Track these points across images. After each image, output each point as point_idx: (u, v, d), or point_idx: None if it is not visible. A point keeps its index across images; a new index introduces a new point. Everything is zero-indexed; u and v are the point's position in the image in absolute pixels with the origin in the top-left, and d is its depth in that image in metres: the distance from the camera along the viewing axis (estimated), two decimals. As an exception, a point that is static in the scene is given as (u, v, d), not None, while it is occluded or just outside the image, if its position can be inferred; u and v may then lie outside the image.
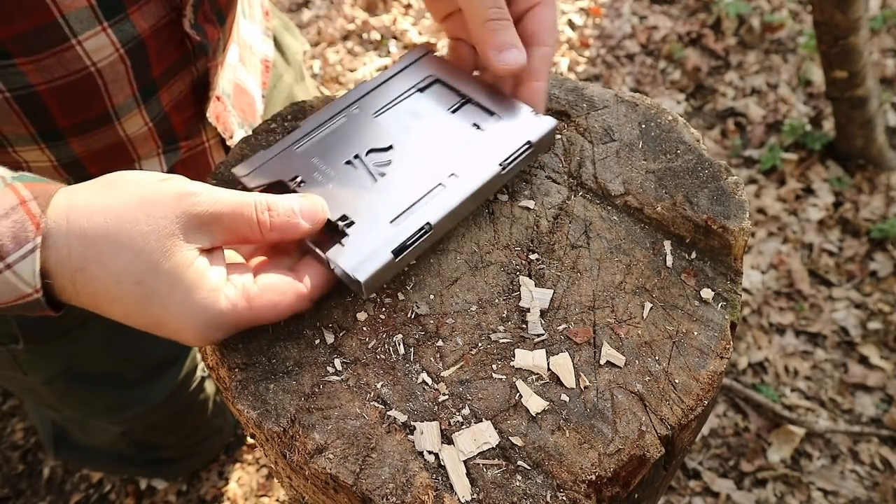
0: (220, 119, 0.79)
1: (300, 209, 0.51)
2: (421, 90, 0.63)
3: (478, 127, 0.59)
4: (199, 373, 1.09)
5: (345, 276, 0.52)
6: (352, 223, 0.53)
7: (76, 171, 0.72)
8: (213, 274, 0.48)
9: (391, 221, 0.53)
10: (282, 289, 0.50)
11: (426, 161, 0.57)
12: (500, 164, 0.56)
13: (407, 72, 0.64)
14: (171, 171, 0.79)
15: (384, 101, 0.62)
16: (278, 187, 0.56)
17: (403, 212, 0.54)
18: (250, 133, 0.66)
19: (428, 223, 0.53)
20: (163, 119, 0.73)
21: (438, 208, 0.54)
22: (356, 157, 0.58)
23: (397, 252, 0.52)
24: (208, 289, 0.47)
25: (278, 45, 1.00)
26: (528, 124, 0.59)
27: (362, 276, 0.50)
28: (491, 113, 0.60)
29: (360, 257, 0.51)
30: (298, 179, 0.56)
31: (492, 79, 0.63)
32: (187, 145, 0.79)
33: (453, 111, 0.61)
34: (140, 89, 0.68)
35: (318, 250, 0.52)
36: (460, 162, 0.57)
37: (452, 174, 0.56)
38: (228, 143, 0.81)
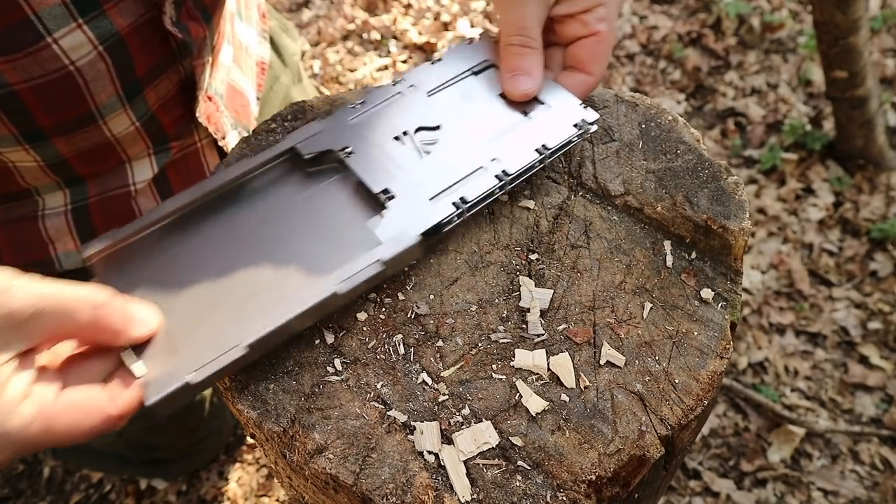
0: (211, 119, 0.78)
1: (136, 314, 0.47)
2: (475, 73, 0.63)
3: (525, 114, 0.60)
4: None
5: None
6: (392, 197, 0.55)
7: (63, 171, 0.71)
8: (12, 386, 0.42)
9: (430, 199, 0.55)
10: (87, 408, 0.44)
11: (471, 143, 0.58)
12: (383, 261, 0.52)
13: (465, 54, 0.65)
14: (162, 171, 0.78)
15: (439, 81, 0.63)
16: (328, 156, 0.58)
17: (443, 190, 0.55)
18: (246, 134, 0.66)
19: (241, 345, 0.48)
20: (150, 119, 0.72)
21: (253, 331, 0.48)
22: (405, 133, 0.59)
23: (193, 377, 0.47)
24: (1, 404, 0.42)
25: (275, 47, 0.99)
26: (574, 113, 0.60)
27: (148, 399, 0.46)
28: (541, 102, 0.61)
29: (395, 230, 0.52)
30: (349, 150, 0.58)
31: (550, 71, 0.63)
32: (178, 146, 0.78)
33: (503, 96, 0.62)
34: (124, 88, 0.67)
35: (126, 363, 0.47)
36: (502, 148, 0.58)
37: (494, 159, 0.57)
38: (220, 143, 0.81)
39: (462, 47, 0.65)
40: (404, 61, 2.13)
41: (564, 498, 0.47)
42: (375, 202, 0.55)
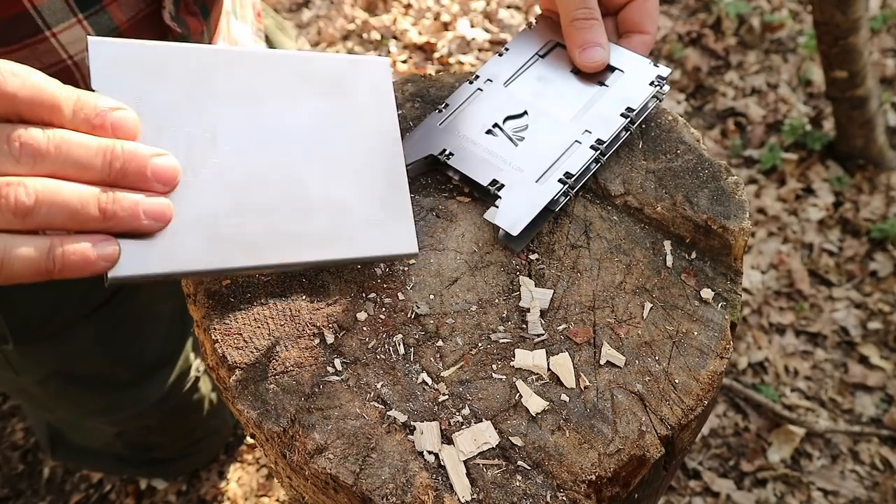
0: None
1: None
2: (542, 56, 0.66)
3: (602, 83, 0.63)
4: (192, 374, 1.09)
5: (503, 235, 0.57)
6: (502, 186, 0.58)
7: None
8: None
9: (536, 181, 0.57)
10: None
11: (560, 122, 0.61)
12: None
13: (528, 40, 0.67)
14: None
15: (512, 70, 0.65)
16: (431, 161, 0.61)
17: (546, 170, 0.58)
18: None
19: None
20: None
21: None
22: (495, 125, 0.61)
23: None
24: None
25: (271, 45, 1.00)
26: (647, 72, 0.63)
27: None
28: (613, 69, 0.63)
29: (512, 216, 0.56)
30: (447, 152, 0.60)
31: (614, 38, 0.66)
32: None
33: (575, 71, 0.64)
34: None
35: None
36: (590, 119, 0.61)
37: (586, 131, 0.60)
38: None
39: (523, 35, 0.68)
40: (404, 61, 2.13)
41: (564, 498, 0.47)
42: (487, 194, 0.58)
